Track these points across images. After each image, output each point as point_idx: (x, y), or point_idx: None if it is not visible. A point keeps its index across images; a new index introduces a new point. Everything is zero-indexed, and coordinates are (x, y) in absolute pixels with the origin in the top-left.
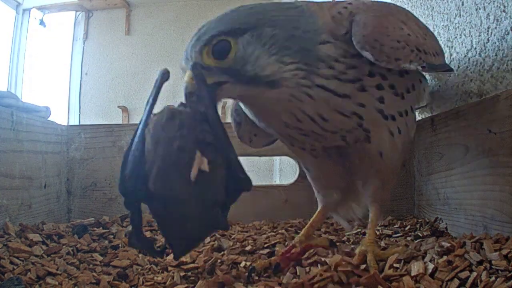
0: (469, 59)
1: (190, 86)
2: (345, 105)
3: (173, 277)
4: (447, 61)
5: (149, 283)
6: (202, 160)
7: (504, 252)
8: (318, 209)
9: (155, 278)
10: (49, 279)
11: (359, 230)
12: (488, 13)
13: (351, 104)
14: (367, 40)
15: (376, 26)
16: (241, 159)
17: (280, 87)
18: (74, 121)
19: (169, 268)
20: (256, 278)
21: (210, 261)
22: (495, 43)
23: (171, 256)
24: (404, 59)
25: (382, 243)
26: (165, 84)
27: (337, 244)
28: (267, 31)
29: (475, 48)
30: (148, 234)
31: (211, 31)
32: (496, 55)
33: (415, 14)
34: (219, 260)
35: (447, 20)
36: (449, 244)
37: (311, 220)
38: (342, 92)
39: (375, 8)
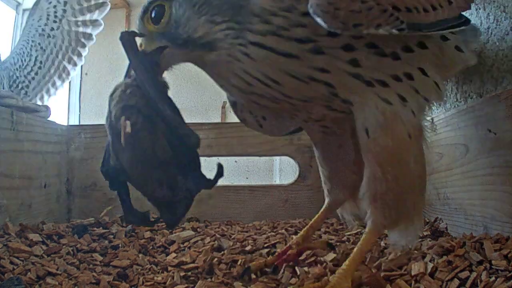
0: None
1: None
2: (294, 67)
3: (173, 277)
4: None
5: (149, 283)
6: (125, 124)
7: (504, 252)
8: (322, 208)
9: (155, 278)
10: (49, 279)
11: (359, 230)
12: (488, 13)
13: (304, 68)
14: (319, 3)
15: None
16: (241, 159)
17: (216, 49)
18: (74, 121)
19: (169, 268)
20: (254, 277)
21: (209, 260)
22: (495, 43)
23: (171, 256)
24: (368, 24)
25: (382, 243)
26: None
27: (336, 245)
28: None
29: (475, 48)
30: (148, 234)
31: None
32: (496, 55)
33: None
34: (215, 259)
35: None
36: (449, 244)
37: (312, 220)
38: (284, 51)
39: None
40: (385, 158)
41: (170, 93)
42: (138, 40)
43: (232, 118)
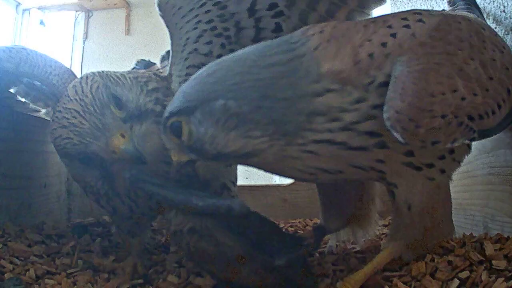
0: None
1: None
2: (360, 159)
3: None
4: None
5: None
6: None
7: (504, 252)
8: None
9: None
10: (48, 279)
11: None
12: (488, 13)
13: (368, 159)
14: (398, 118)
15: (418, 96)
16: None
17: (260, 155)
18: None
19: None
20: None
21: None
22: None
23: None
24: (446, 140)
25: (382, 243)
26: None
27: (336, 245)
28: (218, 104)
29: None
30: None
31: (166, 112)
32: None
33: None
34: None
35: None
36: (449, 244)
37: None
38: (356, 145)
39: (430, 45)
40: (421, 220)
41: None
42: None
43: None
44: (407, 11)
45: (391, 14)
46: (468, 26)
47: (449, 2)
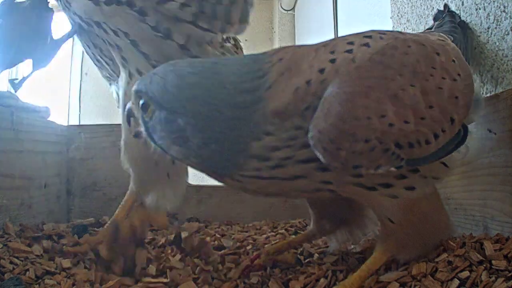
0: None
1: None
2: (302, 184)
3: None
4: None
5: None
6: None
7: (504, 252)
8: (305, 232)
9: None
10: (48, 279)
11: None
12: (488, 13)
13: (311, 183)
14: (320, 138)
15: (341, 118)
16: None
17: (194, 168)
18: (74, 121)
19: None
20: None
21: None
22: (495, 43)
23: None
24: (368, 165)
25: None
26: None
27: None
28: (180, 122)
29: (475, 48)
30: (149, 234)
31: (143, 85)
32: (496, 55)
33: (415, 14)
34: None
35: None
36: (449, 244)
37: (292, 238)
38: (290, 175)
39: (366, 69)
40: (407, 221)
41: None
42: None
43: None
44: (358, 33)
45: (343, 37)
46: (418, 51)
47: (434, 18)
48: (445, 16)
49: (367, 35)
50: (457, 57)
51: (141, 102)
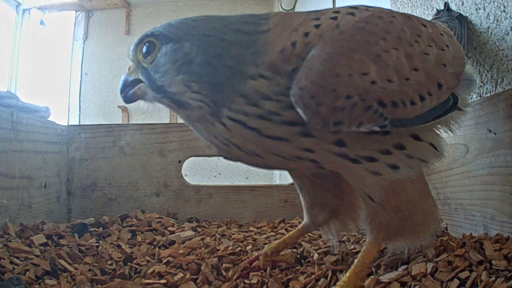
0: (469, 59)
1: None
2: (281, 148)
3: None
4: None
5: (149, 281)
6: None
7: (504, 252)
8: (299, 227)
9: (156, 278)
10: (48, 279)
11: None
12: (488, 13)
13: (291, 148)
14: (301, 95)
15: (322, 75)
16: None
17: (187, 110)
18: (74, 121)
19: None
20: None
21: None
22: (495, 43)
23: (174, 258)
24: (349, 122)
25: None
26: None
27: (336, 245)
28: (185, 47)
29: (475, 48)
30: (148, 234)
31: (148, 31)
32: (496, 55)
33: (415, 14)
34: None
35: None
36: (449, 244)
37: (287, 236)
38: (273, 135)
39: (349, 34)
40: (384, 197)
41: None
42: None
43: None
44: (346, 6)
45: (330, 8)
46: (403, 21)
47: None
48: (443, 12)
49: (354, 6)
50: (446, 33)
51: (144, 48)
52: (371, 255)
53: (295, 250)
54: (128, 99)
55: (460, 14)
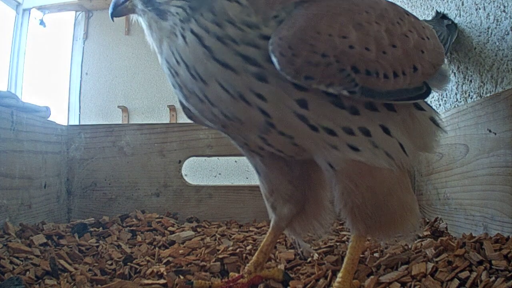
0: (469, 59)
1: None
2: (227, 78)
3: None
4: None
5: (149, 281)
6: None
7: (504, 252)
8: (269, 229)
9: (156, 278)
10: (48, 279)
11: None
12: (488, 13)
13: (237, 84)
14: (279, 44)
15: (304, 30)
16: (241, 159)
17: (166, 19)
18: (74, 121)
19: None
20: None
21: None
22: (495, 43)
23: (174, 258)
24: (320, 79)
25: (382, 243)
26: None
27: (336, 245)
28: None
29: (475, 48)
30: (148, 234)
31: None
32: (496, 55)
33: (415, 14)
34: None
35: None
36: (449, 244)
37: (261, 245)
38: (222, 60)
39: (336, 1)
40: (356, 174)
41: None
42: None
43: None
44: None
45: None
46: (389, 5)
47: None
48: (434, 18)
49: None
50: (429, 30)
51: None
52: (358, 250)
53: (293, 250)
54: (119, 12)
55: (452, 23)
